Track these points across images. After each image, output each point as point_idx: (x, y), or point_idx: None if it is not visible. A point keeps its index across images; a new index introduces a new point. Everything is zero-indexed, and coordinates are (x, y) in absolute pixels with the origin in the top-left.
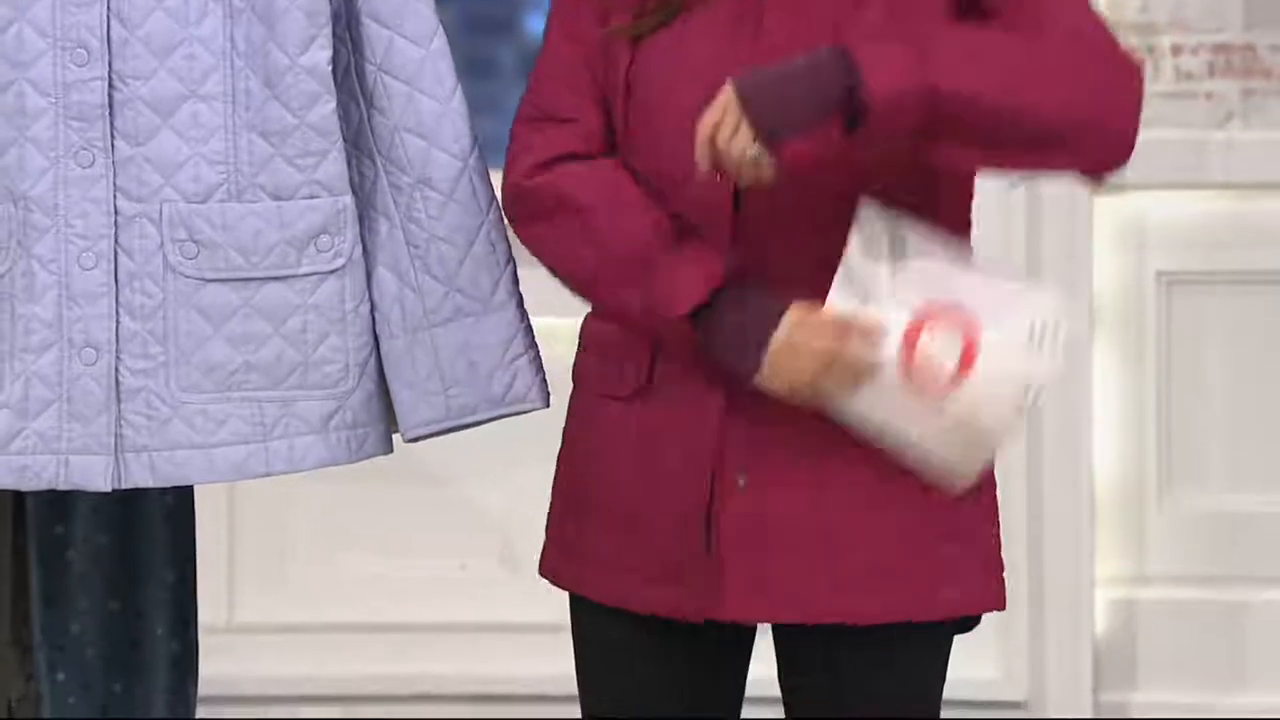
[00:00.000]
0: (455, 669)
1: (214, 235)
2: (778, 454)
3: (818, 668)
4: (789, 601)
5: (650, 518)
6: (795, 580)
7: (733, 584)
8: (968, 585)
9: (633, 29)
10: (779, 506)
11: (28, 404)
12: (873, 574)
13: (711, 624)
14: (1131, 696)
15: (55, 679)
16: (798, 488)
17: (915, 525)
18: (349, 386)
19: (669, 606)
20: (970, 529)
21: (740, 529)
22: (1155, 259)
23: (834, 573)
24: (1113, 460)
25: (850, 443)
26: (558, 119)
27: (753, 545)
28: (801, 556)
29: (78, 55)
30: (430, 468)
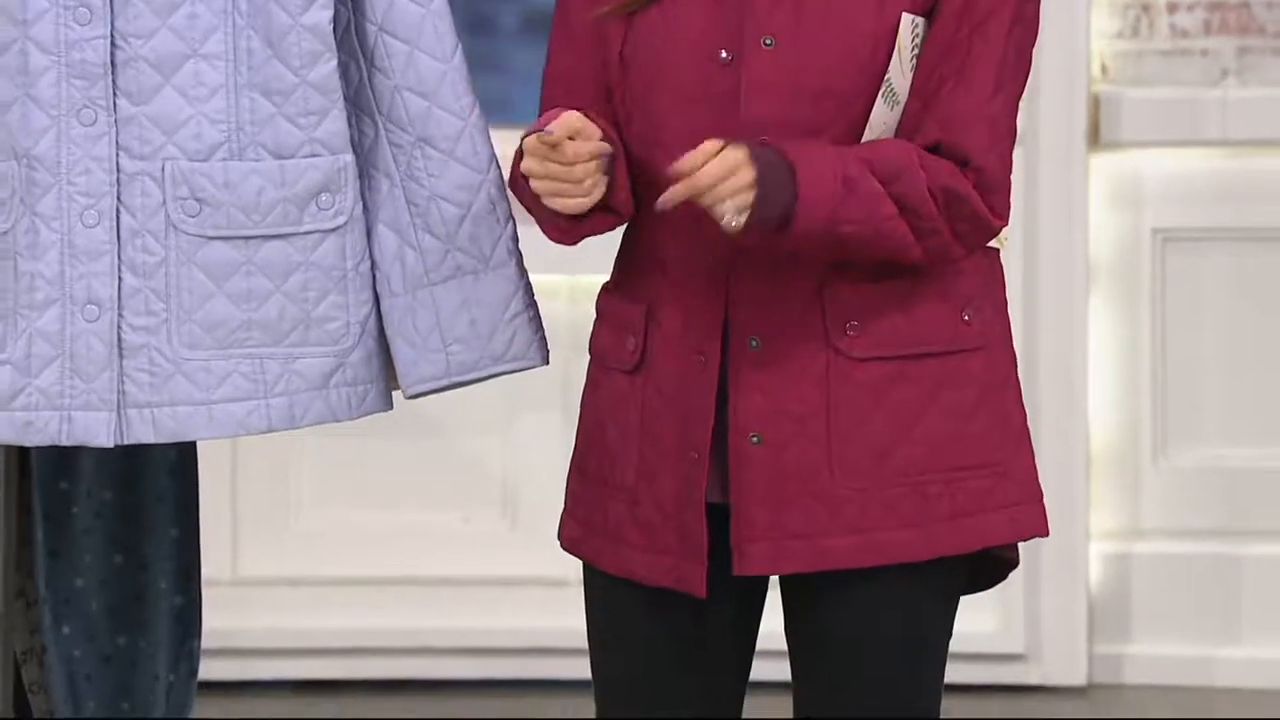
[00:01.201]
0: (457, 622)
1: (216, 193)
2: (788, 415)
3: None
4: (806, 551)
5: (649, 491)
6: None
7: (751, 539)
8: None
9: (624, 7)
10: (794, 464)
11: (31, 361)
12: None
13: (721, 591)
14: (1126, 648)
15: (60, 632)
16: (811, 442)
17: (937, 461)
18: (349, 344)
19: (671, 578)
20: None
21: (757, 487)
22: (1151, 216)
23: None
24: (1108, 415)
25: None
26: (563, 91)
27: (771, 501)
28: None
29: (80, 14)
30: (432, 423)
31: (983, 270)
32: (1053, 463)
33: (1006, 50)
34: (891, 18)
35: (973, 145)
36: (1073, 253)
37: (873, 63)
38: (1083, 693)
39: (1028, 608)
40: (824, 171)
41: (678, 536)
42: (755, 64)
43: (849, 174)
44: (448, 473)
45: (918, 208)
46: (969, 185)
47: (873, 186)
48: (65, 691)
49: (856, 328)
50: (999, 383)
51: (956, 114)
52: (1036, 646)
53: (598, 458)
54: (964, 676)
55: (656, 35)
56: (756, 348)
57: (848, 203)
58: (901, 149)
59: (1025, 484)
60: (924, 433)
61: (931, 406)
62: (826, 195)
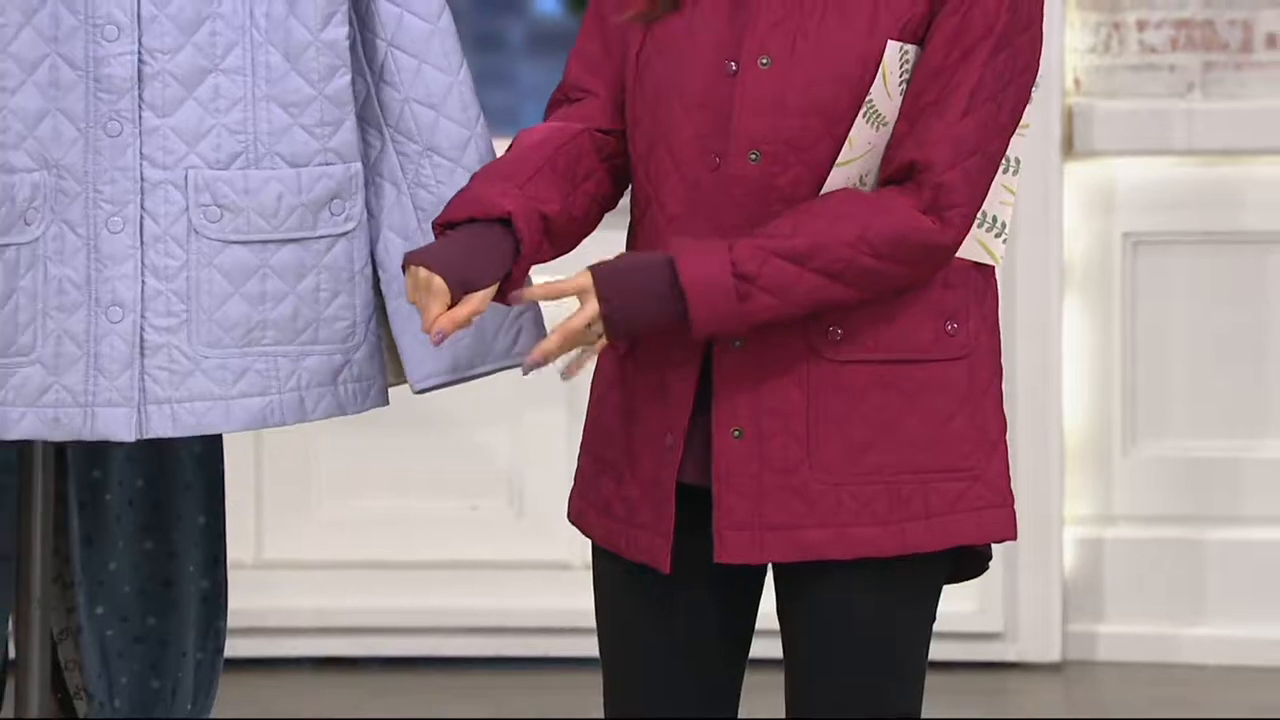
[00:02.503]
0: (467, 603)
1: (237, 199)
2: (770, 412)
3: (810, 601)
4: (783, 541)
5: (632, 470)
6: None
7: (731, 528)
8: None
9: (644, 16)
10: (773, 458)
11: (58, 360)
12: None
13: (699, 571)
14: (1098, 628)
15: (94, 613)
16: (791, 439)
17: (911, 463)
18: (356, 342)
19: (645, 554)
20: (973, 464)
21: (737, 478)
22: (1122, 221)
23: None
24: (1081, 408)
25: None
26: (570, 99)
27: (751, 493)
28: (797, 499)
29: (108, 31)
30: (444, 417)
31: (973, 284)
32: (1029, 453)
33: (985, 75)
34: (882, 43)
35: (936, 160)
36: (1048, 255)
37: (861, 85)
38: (1057, 669)
39: (1005, 589)
40: (712, 272)
41: (653, 515)
42: (749, 79)
43: (744, 270)
44: (458, 463)
45: (846, 270)
46: (914, 217)
47: (779, 270)
48: (99, 668)
49: (839, 332)
50: (978, 391)
51: (927, 133)
52: (1014, 626)
53: (593, 435)
54: (945, 654)
55: (673, 43)
56: (740, 346)
57: (751, 295)
58: (832, 215)
59: (997, 489)
60: (901, 435)
61: (909, 411)
62: (719, 294)
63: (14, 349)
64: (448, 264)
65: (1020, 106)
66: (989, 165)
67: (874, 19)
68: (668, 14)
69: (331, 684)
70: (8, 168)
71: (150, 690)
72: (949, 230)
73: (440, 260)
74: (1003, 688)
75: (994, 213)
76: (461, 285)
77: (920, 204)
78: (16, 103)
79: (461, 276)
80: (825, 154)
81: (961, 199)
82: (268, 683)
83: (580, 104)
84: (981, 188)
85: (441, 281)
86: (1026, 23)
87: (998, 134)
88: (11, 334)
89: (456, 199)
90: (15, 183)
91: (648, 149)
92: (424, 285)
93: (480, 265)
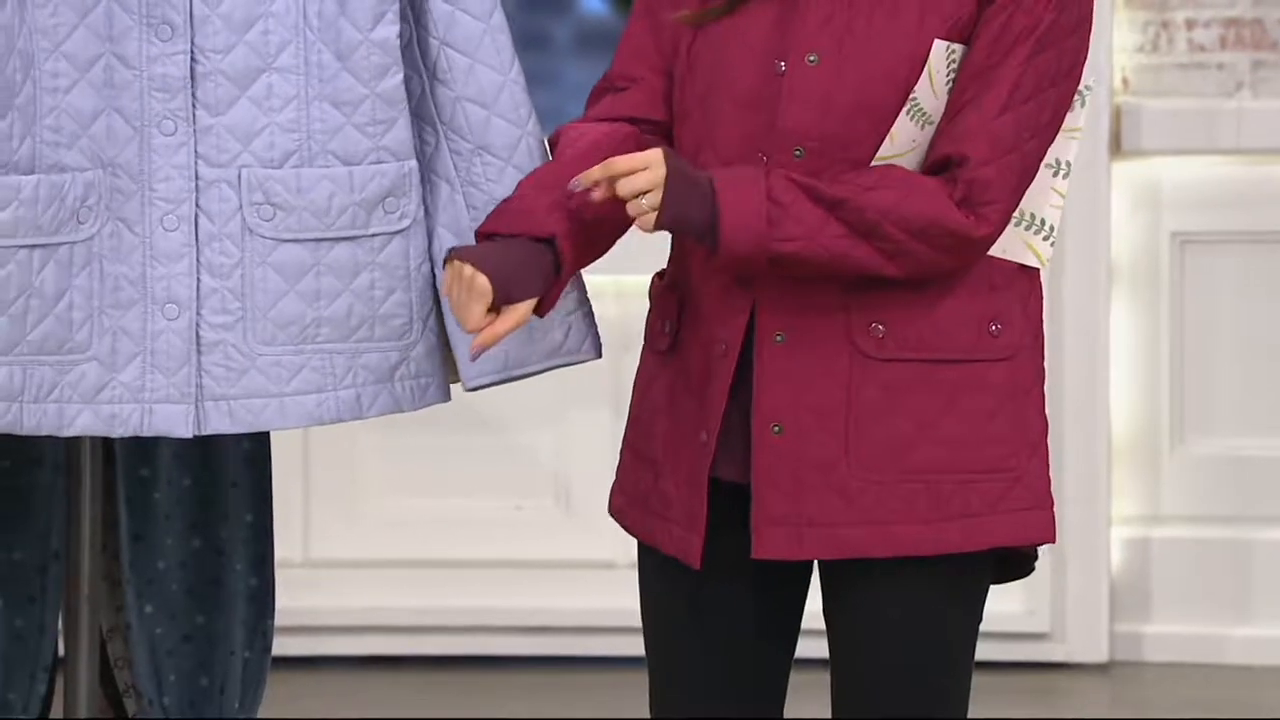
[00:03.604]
0: (512, 602)
1: (290, 198)
2: (809, 408)
3: (854, 600)
4: (821, 538)
5: (670, 466)
6: (829, 518)
7: (770, 524)
8: (1014, 518)
9: (695, 19)
10: (813, 454)
11: (115, 357)
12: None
13: (755, 566)
14: (1145, 628)
15: (143, 611)
16: (830, 436)
17: (951, 462)
18: (412, 339)
19: (678, 548)
20: (1013, 465)
21: (776, 474)
22: (1169, 220)
23: (866, 510)
24: (1129, 408)
25: (880, 398)
26: (616, 89)
27: (789, 489)
28: (836, 496)
29: (162, 31)
30: (490, 417)
31: (1018, 286)
32: (1076, 453)
33: (1025, 73)
34: (929, 42)
35: (971, 155)
36: (1096, 255)
37: (907, 84)
38: (1104, 669)
39: (1053, 590)
40: (748, 191)
41: (686, 510)
42: (796, 76)
43: (778, 196)
44: (504, 463)
45: (873, 230)
46: (949, 206)
47: (810, 209)
48: (147, 666)
49: (880, 330)
50: (1020, 393)
51: (964, 128)
52: (1061, 626)
53: (634, 429)
54: (992, 654)
55: (723, 40)
56: (782, 342)
57: (780, 222)
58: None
59: (1036, 492)
60: (941, 434)
61: (950, 410)
62: (750, 212)
63: (69, 346)
64: (495, 268)
65: (1063, 109)
66: (1026, 164)
67: (922, 18)
68: (717, 20)
69: (378, 682)
70: (59, 167)
71: (199, 688)
72: (983, 225)
73: (487, 263)
74: (1050, 688)
75: (1042, 215)
76: (504, 292)
77: (955, 196)
78: (69, 102)
79: (506, 284)
80: (869, 152)
81: (996, 195)
82: (315, 681)
83: (626, 93)
84: (1017, 185)
85: (486, 281)
86: (1074, 25)
87: (1037, 133)
88: (66, 331)
89: (505, 209)
90: (66, 181)
91: (695, 146)
92: (468, 283)
93: (524, 279)
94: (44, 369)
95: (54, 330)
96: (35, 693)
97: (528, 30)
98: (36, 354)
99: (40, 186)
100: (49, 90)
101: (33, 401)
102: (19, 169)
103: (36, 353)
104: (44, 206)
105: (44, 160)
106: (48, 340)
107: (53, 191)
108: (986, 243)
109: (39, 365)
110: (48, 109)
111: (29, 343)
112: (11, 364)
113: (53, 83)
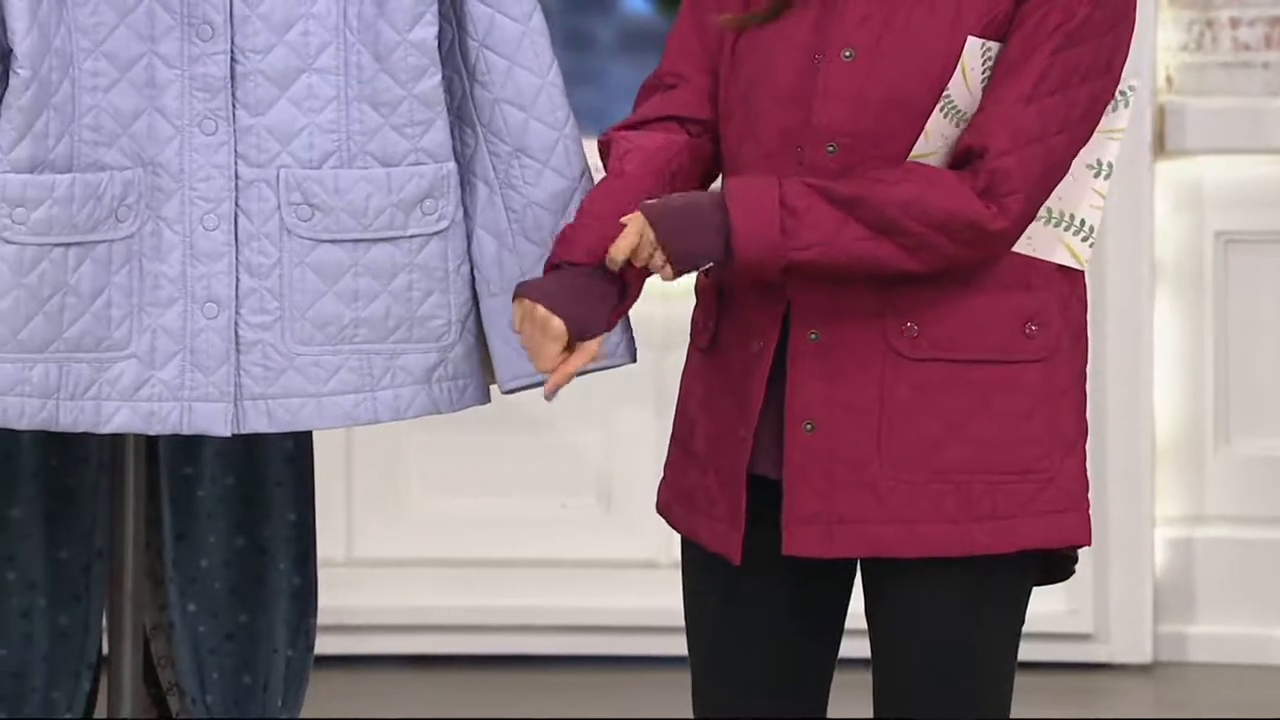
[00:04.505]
0: (556, 602)
1: (328, 199)
2: (842, 406)
3: (892, 600)
4: (852, 536)
5: (713, 462)
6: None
7: (801, 522)
8: (1045, 520)
9: (740, 23)
10: (844, 452)
11: (155, 355)
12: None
13: (794, 564)
14: (1189, 629)
15: (186, 609)
16: (863, 434)
17: (983, 463)
18: (451, 340)
19: (720, 544)
20: (1046, 466)
21: (808, 471)
22: (1213, 220)
23: (897, 508)
24: (1172, 407)
25: (913, 397)
26: (665, 86)
27: (821, 486)
28: (867, 494)
29: (203, 31)
30: (534, 417)
31: (1056, 287)
32: (1120, 453)
33: (1052, 65)
34: (964, 39)
35: (992, 145)
36: (1139, 254)
37: (941, 81)
38: (1148, 670)
39: (1096, 590)
40: (760, 201)
41: (727, 506)
42: (832, 73)
43: (791, 203)
44: (548, 462)
45: (893, 225)
46: (970, 198)
47: (826, 212)
48: (190, 664)
49: (914, 329)
50: (1056, 394)
51: (988, 119)
52: (1104, 626)
53: (680, 425)
54: (1035, 655)
55: (765, 38)
56: (816, 340)
57: (795, 231)
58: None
59: (1070, 493)
60: (973, 435)
61: (983, 410)
62: (763, 221)
63: (107, 343)
64: (569, 310)
65: (1098, 106)
66: (1052, 158)
67: (957, 15)
68: (762, 24)
69: (420, 682)
70: (97, 165)
71: (242, 687)
72: (1004, 217)
73: (561, 305)
74: (1093, 689)
75: (1082, 215)
76: (580, 333)
77: (976, 188)
78: (109, 101)
79: (581, 324)
80: (903, 148)
81: (1017, 186)
82: (357, 680)
83: (674, 91)
84: (1041, 178)
85: (561, 325)
86: (1111, 22)
87: (1065, 128)
88: (104, 329)
89: (573, 239)
90: (103, 180)
91: (738, 142)
92: (541, 324)
93: (596, 316)
94: (81, 366)
95: (91, 327)
96: (80, 691)
97: (571, 30)
98: (73, 351)
99: (75, 185)
100: (89, 89)
101: (69, 398)
102: (55, 167)
103: (73, 350)
104: (79, 205)
105: (82, 159)
106: (85, 337)
107: (88, 190)
108: (1008, 235)
109: (75, 362)
110: (87, 108)
111: (65, 340)
112: (48, 361)
113: (93, 81)
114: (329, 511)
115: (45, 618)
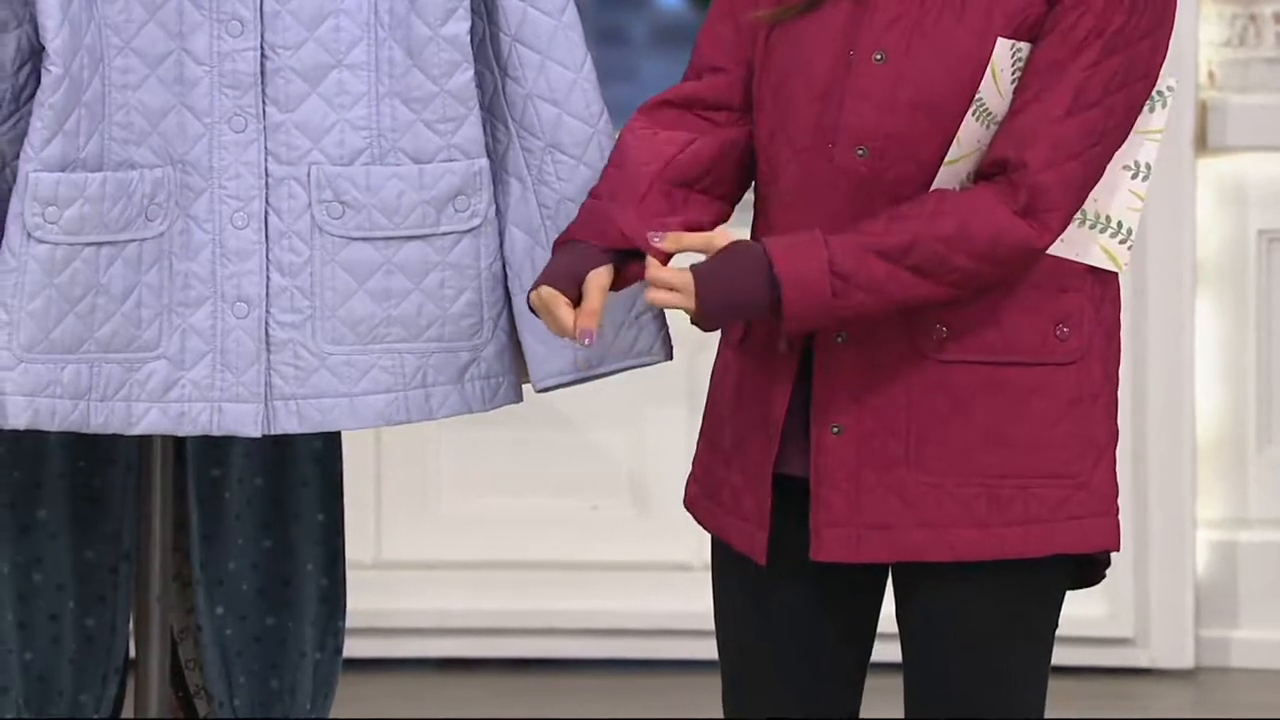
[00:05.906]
0: (586, 604)
1: (359, 196)
2: (870, 409)
3: (923, 603)
4: (881, 540)
5: (740, 459)
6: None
7: (829, 525)
8: (1076, 524)
9: (773, 17)
10: (872, 455)
11: (184, 355)
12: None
13: (822, 567)
14: (1231, 633)
15: (214, 612)
16: (891, 437)
17: (1013, 466)
18: (483, 339)
19: (745, 544)
20: (1077, 470)
21: (835, 475)
22: (1255, 218)
23: (926, 512)
24: (1214, 408)
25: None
26: (696, 72)
27: (849, 489)
28: (896, 498)
29: (232, 27)
30: (565, 416)
31: (1089, 289)
32: (1161, 455)
33: (1092, 76)
34: (994, 42)
35: (1031, 159)
36: (1181, 252)
37: (971, 83)
38: (1190, 675)
39: (1137, 594)
40: (809, 265)
41: (754, 505)
42: (862, 74)
43: (840, 268)
44: (579, 463)
45: (939, 267)
46: (1010, 219)
47: (875, 269)
48: (218, 667)
49: (944, 331)
50: (1087, 397)
51: (1024, 129)
52: (1145, 631)
53: (709, 422)
54: (1075, 659)
55: (799, 33)
56: (844, 342)
57: (845, 294)
58: (929, 213)
59: (1101, 497)
60: (1004, 438)
61: (1013, 414)
62: (814, 292)
63: (137, 344)
64: (551, 273)
65: (1134, 112)
66: (1089, 171)
67: (988, 18)
68: (796, 18)
69: (450, 685)
70: (128, 164)
71: (269, 690)
72: (1046, 234)
73: (548, 272)
74: (1134, 693)
75: (1118, 218)
76: (568, 280)
77: (1015, 205)
78: (139, 98)
79: (560, 277)
80: (933, 152)
81: (1058, 202)
82: (386, 684)
83: (706, 79)
84: (1080, 192)
85: (550, 289)
86: (1148, 29)
87: (1102, 139)
88: (134, 329)
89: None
90: (134, 179)
91: (769, 135)
92: (544, 305)
93: (576, 261)
94: (112, 366)
95: (122, 328)
96: (107, 694)
97: (605, 25)
98: (104, 351)
99: (107, 184)
100: (119, 87)
101: (100, 400)
102: (86, 166)
103: (104, 350)
104: (111, 204)
105: (112, 157)
106: (115, 338)
107: (120, 189)
108: (1039, 252)
109: (106, 363)
110: (117, 105)
111: (97, 340)
112: (79, 361)
113: (123, 79)
114: (358, 513)
115: (73, 620)
